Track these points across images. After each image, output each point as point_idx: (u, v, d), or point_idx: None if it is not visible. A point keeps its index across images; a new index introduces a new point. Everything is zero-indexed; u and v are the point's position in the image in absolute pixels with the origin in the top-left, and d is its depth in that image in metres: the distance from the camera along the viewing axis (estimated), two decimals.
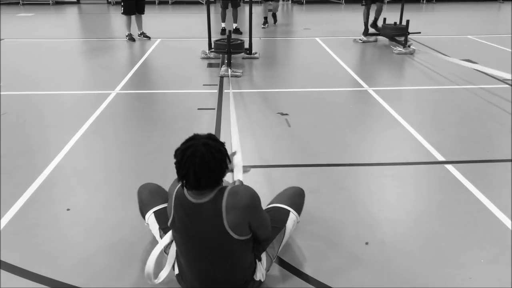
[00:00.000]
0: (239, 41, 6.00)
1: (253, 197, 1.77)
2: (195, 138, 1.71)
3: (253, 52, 6.34)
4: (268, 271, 2.02)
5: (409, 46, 6.72)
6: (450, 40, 7.84)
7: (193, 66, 5.73)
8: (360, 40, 7.52)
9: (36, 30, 9.01)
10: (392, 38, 7.17)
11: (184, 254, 1.86)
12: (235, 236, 1.74)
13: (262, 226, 1.87)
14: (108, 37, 8.17)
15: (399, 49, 6.72)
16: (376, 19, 8.18)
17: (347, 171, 3.11)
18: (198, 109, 4.29)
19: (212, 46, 6.12)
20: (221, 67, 5.51)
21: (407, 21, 6.76)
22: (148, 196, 2.24)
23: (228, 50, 5.63)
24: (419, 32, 7.14)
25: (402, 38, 6.86)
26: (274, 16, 9.29)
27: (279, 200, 2.22)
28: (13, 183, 2.90)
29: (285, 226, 2.09)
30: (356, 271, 2.12)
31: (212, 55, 6.23)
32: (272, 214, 2.09)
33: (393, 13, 8.11)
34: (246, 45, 6.24)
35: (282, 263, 2.17)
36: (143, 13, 7.64)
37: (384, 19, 7.34)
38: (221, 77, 5.28)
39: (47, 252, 2.26)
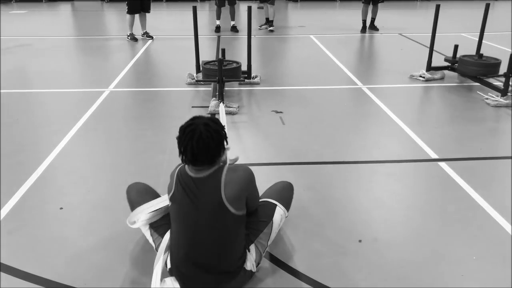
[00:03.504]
0: (234, 65, 4.68)
1: (250, 173, 1.94)
2: (197, 118, 1.84)
3: (252, 75, 5.05)
4: (258, 264, 2.04)
5: None
6: (444, 37, 7.87)
7: (187, 64, 5.71)
8: (421, 77, 5.16)
9: (29, 27, 8.94)
10: (476, 79, 4.85)
11: (180, 231, 1.89)
12: (232, 210, 1.84)
13: (254, 198, 2.07)
14: (102, 35, 8.13)
15: (495, 98, 4.30)
16: (373, 19, 8.25)
17: (341, 169, 3.11)
18: (192, 107, 4.28)
19: (200, 70, 4.84)
20: (211, 100, 4.29)
21: None
22: (136, 196, 2.27)
23: (219, 79, 4.31)
24: None
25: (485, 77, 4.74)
26: (271, 22, 8.46)
27: (267, 194, 2.24)
28: (6, 182, 2.88)
29: (272, 220, 2.11)
30: (349, 268, 2.13)
31: (200, 78, 4.87)
32: (260, 209, 2.13)
33: (388, 11, 8.15)
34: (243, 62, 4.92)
35: (274, 259, 2.18)
36: (149, 12, 7.53)
37: (456, 46, 5.19)
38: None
39: (40, 251, 2.25)
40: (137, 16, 7.43)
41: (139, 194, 2.27)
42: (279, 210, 2.16)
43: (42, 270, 2.10)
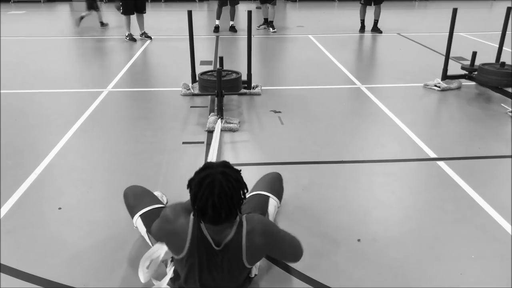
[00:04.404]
0: (233, 75, 4.32)
1: (268, 233, 1.72)
2: (211, 167, 1.58)
3: (253, 85, 4.70)
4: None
5: None
6: (442, 37, 7.88)
7: (186, 64, 5.70)
8: (436, 86, 4.81)
9: (27, 28, 8.93)
10: (497, 89, 4.55)
11: (191, 277, 1.75)
12: (250, 267, 1.76)
13: (286, 253, 1.85)
14: (101, 35, 8.12)
15: None
16: (376, 21, 8.19)
17: (339, 169, 3.11)
18: (191, 107, 4.28)
19: (196, 79, 4.45)
20: (209, 115, 3.91)
21: None
22: (133, 199, 2.25)
23: (218, 92, 3.83)
24: None
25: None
26: (271, 23, 8.42)
27: (257, 187, 2.25)
28: (4, 182, 2.88)
29: (267, 212, 2.13)
30: (348, 267, 2.13)
31: (196, 90, 4.50)
32: (253, 202, 2.13)
33: (386, 11, 8.15)
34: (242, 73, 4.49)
35: (272, 258, 2.17)
36: (144, 12, 7.51)
37: (474, 54, 4.80)
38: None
39: (38, 251, 2.24)
40: (134, 16, 7.43)
41: (136, 198, 2.25)
42: (272, 201, 2.17)
43: (41, 270, 2.10)
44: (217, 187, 1.52)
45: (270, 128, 3.79)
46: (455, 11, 4.63)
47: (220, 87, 3.82)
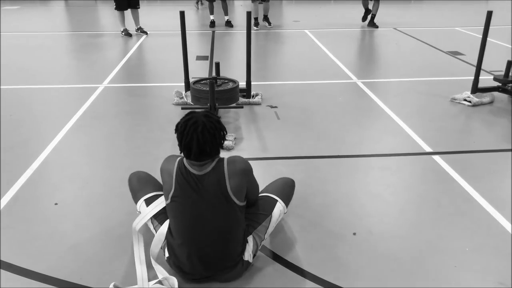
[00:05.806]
0: (230, 85, 3.93)
1: (248, 163, 1.97)
2: (194, 113, 1.86)
3: (252, 94, 4.31)
4: (255, 256, 2.06)
5: None
6: (438, 31, 7.90)
7: (182, 60, 5.69)
8: (466, 101, 4.25)
9: (22, 23, 8.87)
10: None
11: (182, 228, 1.89)
12: (236, 201, 1.88)
13: (254, 188, 2.08)
14: (96, 31, 8.09)
15: None
16: (373, 16, 8.19)
17: (335, 163, 3.13)
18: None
19: (190, 88, 4.04)
20: None
21: None
22: (137, 184, 2.27)
23: (211, 105, 3.56)
24: None
25: None
26: (266, 18, 8.33)
27: (269, 189, 2.27)
28: (1, 178, 2.87)
29: (271, 214, 2.13)
30: (344, 261, 2.14)
31: (189, 99, 4.10)
32: (261, 202, 2.16)
33: (383, 6, 8.15)
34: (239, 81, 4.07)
35: (271, 253, 2.19)
36: (138, 7, 7.46)
37: (509, 62, 4.19)
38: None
39: (35, 246, 2.24)
40: (129, 12, 7.39)
41: (140, 182, 2.27)
42: (279, 205, 2.18)
43: (38, 265, 2.10)
44: (200, 126, 1.79)
45: (267, 123, 3.78)
46: (489, 14, 4.01)
47: (213, 100, 3.52)
